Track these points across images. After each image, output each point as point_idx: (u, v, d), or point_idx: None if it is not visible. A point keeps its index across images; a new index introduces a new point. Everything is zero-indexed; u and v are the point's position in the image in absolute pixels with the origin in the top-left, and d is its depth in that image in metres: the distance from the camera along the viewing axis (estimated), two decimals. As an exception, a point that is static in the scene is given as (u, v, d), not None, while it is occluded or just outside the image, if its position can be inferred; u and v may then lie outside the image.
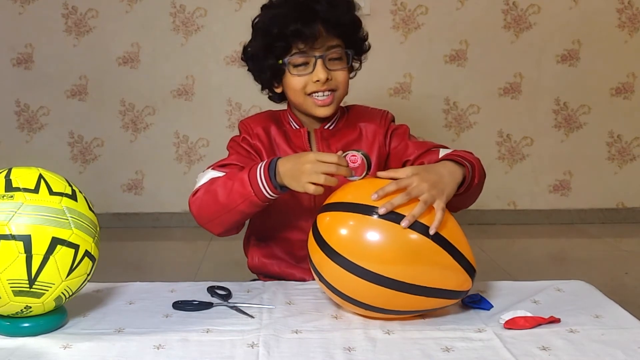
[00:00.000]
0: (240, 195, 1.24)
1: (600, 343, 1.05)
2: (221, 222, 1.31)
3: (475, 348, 1.04)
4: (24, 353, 1.02)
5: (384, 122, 1.48)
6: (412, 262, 1.08)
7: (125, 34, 3.62)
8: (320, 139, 1.45)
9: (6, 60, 3.63)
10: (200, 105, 3.69)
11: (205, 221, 1.33)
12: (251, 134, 1.45)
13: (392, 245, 1.09)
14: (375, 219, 1.09)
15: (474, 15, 3.63)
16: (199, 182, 1.35)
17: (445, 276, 1.10)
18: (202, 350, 1.03)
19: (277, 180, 1.21)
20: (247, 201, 1.24)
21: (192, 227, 3.73)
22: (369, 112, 1.51)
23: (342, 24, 1.38)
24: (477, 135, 3.72)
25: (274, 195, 1.23)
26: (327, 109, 1.40)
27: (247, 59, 1.46)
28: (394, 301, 1.10)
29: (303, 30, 1.33)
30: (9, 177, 1.05)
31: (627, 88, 3.72)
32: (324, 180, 1.16)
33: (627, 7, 3.64)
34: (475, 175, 1.28)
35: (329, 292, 1.15)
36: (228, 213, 1.28)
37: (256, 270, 1.52)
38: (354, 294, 1.11)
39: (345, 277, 1.09)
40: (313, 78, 1.37)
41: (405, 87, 3.66)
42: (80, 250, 1.05)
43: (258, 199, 1.23)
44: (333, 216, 1.14)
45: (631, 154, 3.79)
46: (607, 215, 3.81)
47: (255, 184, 1.22)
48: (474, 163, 1.29)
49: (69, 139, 3.73)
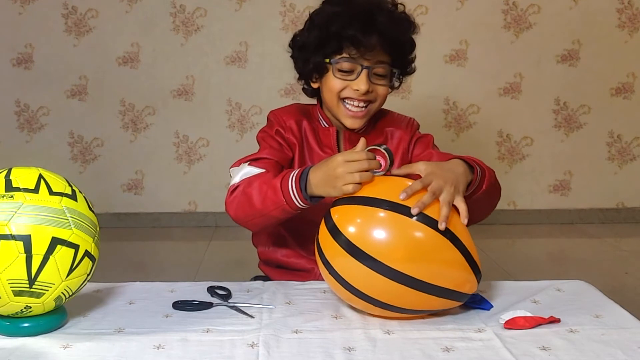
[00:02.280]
0: (272, 203, 1.24)
1: (600, 343, 1.05)
2: (255, 224, 1.33)
3: (475, 348, 1.04)
4: (24, 353, 1.02)
5: (409, 130, 1.50)
6: (426, 258, 1.08)
7: (125, 34, 3.62)
8: (348, 141, 1.46)
9: (6, 60, 3.63)
10: (200, 105, 3.69)
11: (241, 222, 1.34)
12: (284, 127, 1.45)
13: (409, 241, 1.09)
14: (392, 214, 1.09)
15: (474, 15, 3.63)
16: (234, 178, 1.36)
17: (455, 276, 1.10)
18: (202, 350, 1.03)
19: (308, 191, 1.21)
20: (279, 209, 1.24)
21: (192, 227, 3.78)
22: (396, 118, 1.53)
23: (398, 42, 1.39)
24: (477, 135, 3.72)
25: (304, 205, 1.23)
26: (357, 121, 1.41)
27: (294, 47, 1.45)
28: (402, 298, 1.09)
29: (359, 38, 1.33)
30: (9, 177, 1.05)
31: (627, 88, 3.72)
32: (359, 178, 1.15)
33: (627, 7, 3.64)
34: (484, 182, 1.27)
35: (336, 285, 1.14)
36: (262, 217, 1.28)
37: (265, 258, 1.53)
38: (365, 288, 1.10)
39: (357, 269, 1.08)
40: (353, 86, 1.37)
41: (405, 87, 3.65)
42: (80, 250, 1.05)
43: (290, 207, 1.23)
44: (350, 209, 1.13)
45: (631, 154, 3.79)
46: (607, 215, 3.82)
47: (287, 194, 1.22)
48: (485, 170, 1.29)
49: (69, 139, 3.73)
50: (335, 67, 1.37)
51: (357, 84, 1.36)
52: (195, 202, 3.80)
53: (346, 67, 1.36)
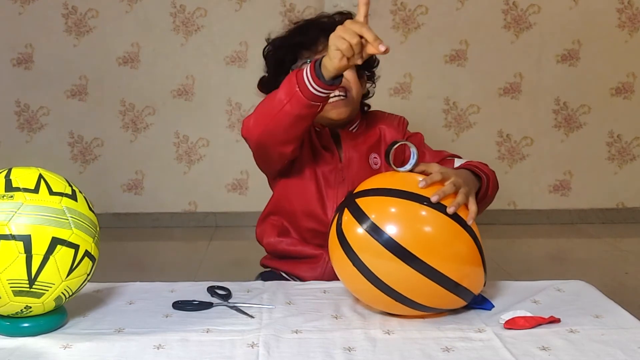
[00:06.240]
0: (286, 94, 1.23)
1: (600, 343, 1.05)
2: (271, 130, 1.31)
3: (475, 348, 1.04)
4: (24, 353, 1.02)
5: (401, 128, 1.54)
6: (449, 249, 1.10)
7: (125, 34, 3.62)
8: (347, 140, 1.49)
9: (6, 60, 3.63)
10: (200, 105, 3.69)
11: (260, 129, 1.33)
12: None
13: (435, 230, 1.11)
14: (421, 205, 1.10)
15: (474, 15, 3.63)
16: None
17: (470, 272, 1.12)
18: (202, 350, 1.03)
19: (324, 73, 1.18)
20: (293, 100, 1.22)
21: (192, 227, 3.78)
22: (387, 116, 1.57)
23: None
24: (477, 135, 3.72)
25: (318, 89, 1.20)
26: (341, 110, 1.44)
27: (262, 88, 1.55)
28: (418, 288, 1.09)
29: (306, 40, 1.44)
30: (9, 177, 1.05)
31: (627, 88, 3.72)
32: (345, 48, 1.12)
33: (627, 7, 3.64)
34: (490, 187, 1.32)
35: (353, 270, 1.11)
36: (278, 116, 1.26)
37: (271, 250, 1.54)
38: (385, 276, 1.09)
39: (379, 252, 1.08)
40: None
41: (405, 87, 3.66)
42: (80, 250, 1.05)
43: (303, 95, 1.21)
44: (380, 199, 1.13)
45: (631, 154, 3.79)
46: (607, 215, 3.82)
47: (301, 79, 1.21)
48: (490, 175, 1.33)
49: (69, 139, 3.73)
50: None
51: None
52: (195, 202, 3.80)
53: None
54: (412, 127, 1.56)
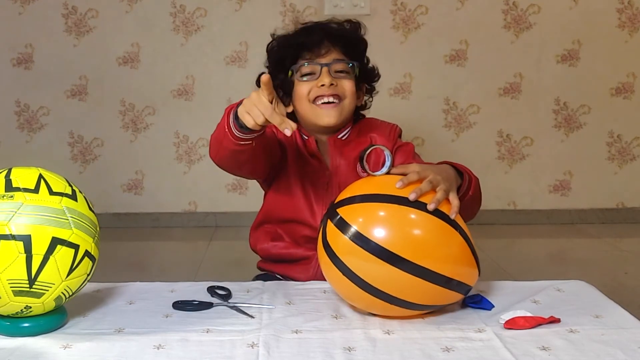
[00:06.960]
0: (221, 130, 1.27)
1: (600, 343, 1.05)
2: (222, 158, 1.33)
3: (475, 348, 1.04)
4: (24, 353, 1.02)
5: (392, 136, 1.54)
6: (436, 246, 1.10)
7: (125, 34, 3.62)
8: (334, 147, 1.50)
9: (6, 60, 3.63)
10: (200, 105, 3.69)
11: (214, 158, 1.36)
12: (277, 131, 1.49)
13: (420, 229, 1.11)
14: (401, 207, 1.11)
15: (474, 15, 3.63)
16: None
17: (460, 265, 1.12)
18: (202, 350, 1.03)
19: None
20: (226, 137, 1.26)
21: (192, 227, 3.78)
22: (379, 124, 1.57)
23: (345, 35, 1.49)
24: (477, 135, 3.72)
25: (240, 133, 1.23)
26: (332, 117, 1.45)
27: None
28: (411, 289, 1.09)
29: (309, 41, 1.45)
30: (9, 177, 1.05)
31: (627, 88, 3.72)
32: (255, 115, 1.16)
33: (627, 7, 3.64)
34: (471, 187, 1.31)
35: (344, 279, 1.12)
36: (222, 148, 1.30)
37: (265, 255, 1.55)
38: (371, 278, 1.09)
39: (367, 259, 1.08)
40: (318, 83, 1.44)
41: (405, 87, 3.66)
42: (80, 250, 1.05)
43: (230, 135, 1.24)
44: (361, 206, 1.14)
45: (631, 154, 3.79)
46: (607, 215, 3.81)
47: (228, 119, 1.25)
48: (472, 177, 1.33)
49: (69, 139, 3.73)
50: (297, 75, 1.46)
51: (320, 79, 1.44)
52: (195, 202, 3.80)
53: (307, 70, 1.46)
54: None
